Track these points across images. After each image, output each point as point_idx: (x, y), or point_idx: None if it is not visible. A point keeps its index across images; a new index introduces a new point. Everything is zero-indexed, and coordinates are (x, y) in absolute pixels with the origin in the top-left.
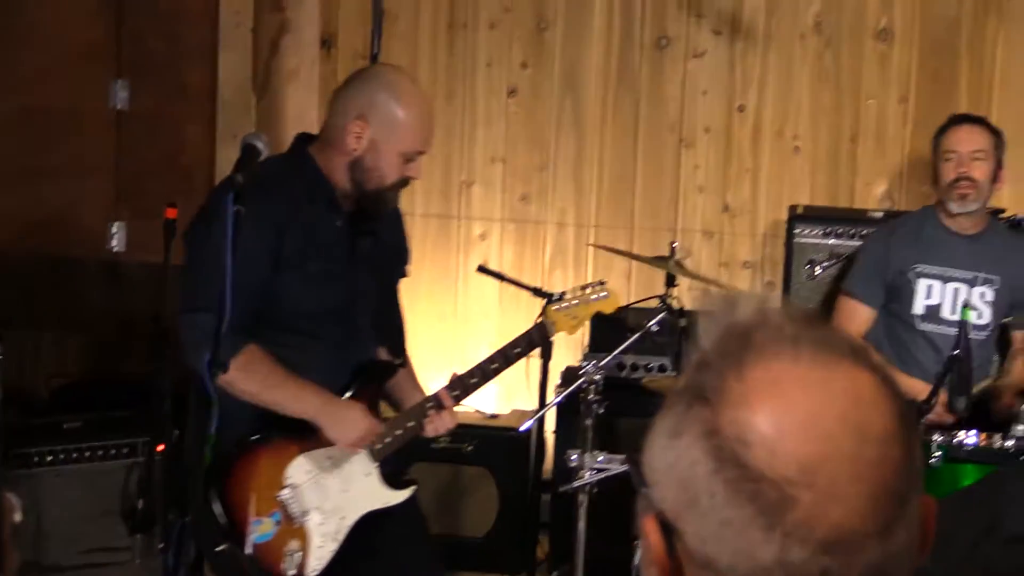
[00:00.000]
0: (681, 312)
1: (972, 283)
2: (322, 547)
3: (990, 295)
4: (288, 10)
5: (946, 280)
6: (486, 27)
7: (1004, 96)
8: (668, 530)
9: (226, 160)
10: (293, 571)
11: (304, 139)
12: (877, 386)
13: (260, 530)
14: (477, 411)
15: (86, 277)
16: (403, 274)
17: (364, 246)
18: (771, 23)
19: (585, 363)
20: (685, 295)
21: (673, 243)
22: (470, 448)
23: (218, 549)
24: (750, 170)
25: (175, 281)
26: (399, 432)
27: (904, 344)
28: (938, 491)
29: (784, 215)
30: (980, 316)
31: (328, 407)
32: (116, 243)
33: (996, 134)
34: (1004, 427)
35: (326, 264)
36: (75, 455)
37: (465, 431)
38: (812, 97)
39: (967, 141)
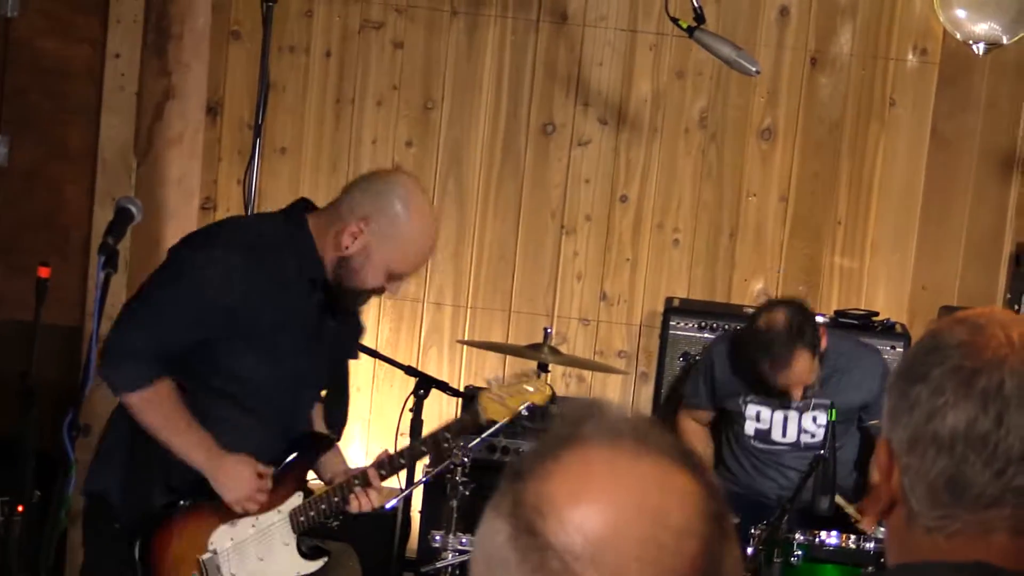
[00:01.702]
0: (552, 398)
1: (802, 410)
2: None
3: (822, 418)
4: (174, 75)
5: (775, 408)
6: (373, 104)
7: (882, 201)
8: None
9: (103, 221)
10: None
11: (303, 207)
12: (690, 487)
13: None
14: None
15: None
16: (355, 355)
17: (330, 325)
18: (657, 116)
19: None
20: (558, 381)
21: (547, 328)
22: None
23: None
24: (629, 260)
25: (45, 339)
26: (323, 507)
27: (744, 458)
28: None
29: (661, 307)
30: (813, 437)
31: (216, 461)
32: None
33: (815, 347)
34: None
35: (293, 340)
36: None
37: None
38: (694, 191)
39: (787, 381)
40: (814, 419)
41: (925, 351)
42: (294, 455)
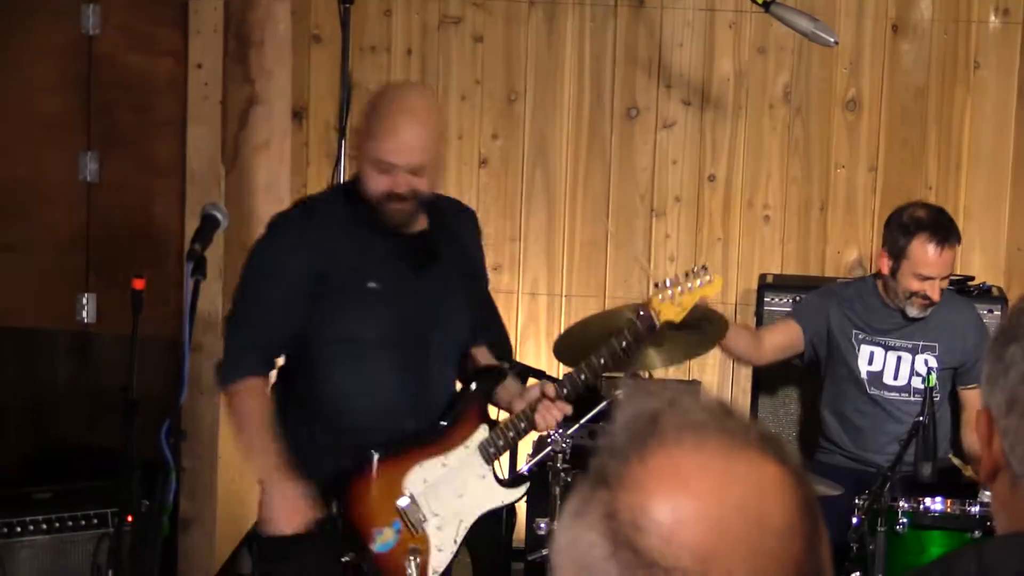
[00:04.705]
0: (649, 379)
1: (914, 351)
2: (441, 551)
3: (932, 361)
4: (258, 82)
5: (888, 348)
6: (457, 99)
7: (973, 165)
8: None
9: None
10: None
11: None
12: (782, 477)
13: (382, 539)
14: None
15: (56, 348)
16: (477, 287)
17: (429, 260)
18: (740, 94)
19: (553, 432)
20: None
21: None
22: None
23: (344, 559)
24: (721, 239)
25: (144, 352)
26: (512, 434)
27: (852, 413)
28: (905, 559)
29: (755, 284)
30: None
31: (279, 475)
32: (86, 315)
33: (955, 251)
34: (970, 493)
35: (381, 283)
36: (44, 526)
37: None
38: (781, 166)
39: (940, 266)
40: (925, 362)
41: (1018, 312)
42: (472, 387)
